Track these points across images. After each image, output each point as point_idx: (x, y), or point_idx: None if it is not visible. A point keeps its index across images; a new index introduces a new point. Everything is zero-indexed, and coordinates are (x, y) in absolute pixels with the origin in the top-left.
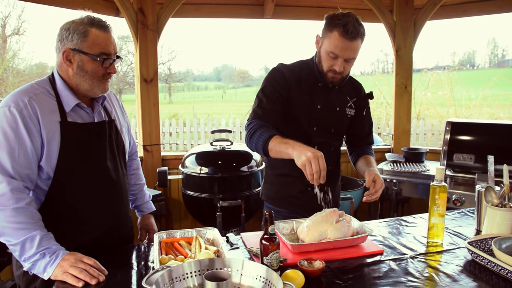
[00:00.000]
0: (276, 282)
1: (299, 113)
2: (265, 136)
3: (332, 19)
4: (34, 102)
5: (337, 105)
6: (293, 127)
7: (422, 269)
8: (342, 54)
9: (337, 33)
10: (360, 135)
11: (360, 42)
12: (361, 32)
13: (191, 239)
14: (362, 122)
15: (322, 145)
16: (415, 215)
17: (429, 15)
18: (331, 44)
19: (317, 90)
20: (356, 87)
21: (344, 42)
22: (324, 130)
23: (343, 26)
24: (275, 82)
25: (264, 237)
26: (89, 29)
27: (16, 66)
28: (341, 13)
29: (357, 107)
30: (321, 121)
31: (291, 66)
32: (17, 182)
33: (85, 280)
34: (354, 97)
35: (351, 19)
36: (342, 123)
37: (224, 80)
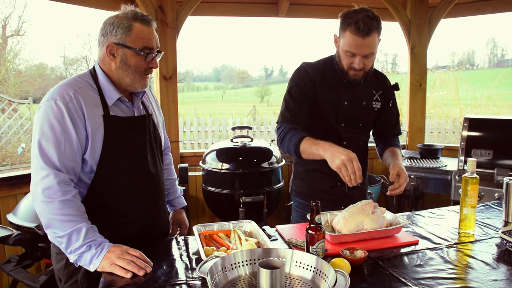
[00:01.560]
0: (327, 271)
1: (326, 111)
2: (296, 138)
3: (345, 17)
4: (79, 96)
5: (364, 99)
6: (321, 125)
7: (459, 258)
8: (359, 52)
9: (350, 32)
10: (387, 126)
11: (376, 36)
12: (374, 26)
13: (228, 231)
14: (389, 113)
15: (351, 140)
16: (441, 208)
17: (444, 13)
18: (346, 43)
19: (342, 87)
20: (381, 79)
21: (357, 40)
22: (352, 126)
23: (354, 24)
24: (301, 82)
25: (310, 226)
26: (133, 24)
27: (17, 66)
28: (353, 10)
29: (383, 99)
30: (349, 117)
31: (316, 64)
32: (63, 175)
33: (133, 271)
34: (380, 90)
35: (361, 16)
36: (370, 117)
37: (224, 80)
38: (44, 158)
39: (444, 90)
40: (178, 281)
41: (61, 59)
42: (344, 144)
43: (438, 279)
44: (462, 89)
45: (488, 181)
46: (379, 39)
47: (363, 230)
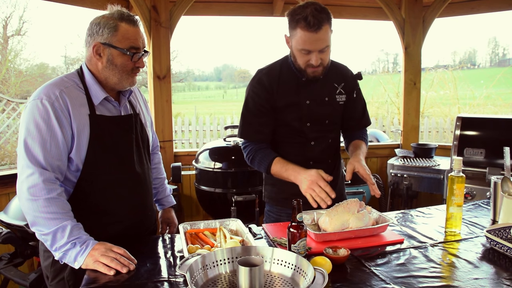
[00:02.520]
0: (306, 268)
1: (289, 114)
2: (265, 163)
3: (292, 15)
4: (65, 95)
5: (326, 95)
6: (286, 129)
7: (443, 256)
8: (314, 47)
9: (300, 28)
10: (353, 118)
11: (327, 28)
12: (324, 19)
13: (214, 230)
14: (353, 105)
15: (318, 139)
16: (430, 206)
17: (438, 12)
18: (299, 41)
19: (301, 86)
20: (341, 71)
21: (310, 36)
22: (318, 124)
23: (303, 20)
24: (256, 96)
25: (292, 225)
26: (119, 24)
27: (18, 66)
28: (299, 6)
29: (347, 91)
30: (313, 116)
31: (271, 69)
32: (48, 173)
33: (116, 268)
34: (341, 81)
35: (309, 10)
36: (336, 111)
37: (225, 80)
38: (29, 156)
39: (444, 90)
40: (160, 278)
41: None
42: (312, 144)
43: (419, 278)
44: (461, 88)
45: (480, 180)
46: (331, 31)
47: (348, 229)
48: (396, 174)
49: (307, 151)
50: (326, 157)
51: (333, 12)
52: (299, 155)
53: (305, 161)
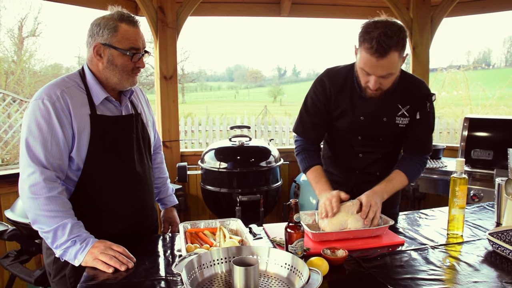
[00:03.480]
0: (302, 268)
1: (342, 124)
2: (304, 166)
3: (363, 31)
4: (66, 95)
5: (385, 115)
6: (337, 135)
7: (443, 259)
8: (373, 72)
9: (364, 50)
10: (408, 140)
11: (395, 56)
12: (392, 45)
13: (215, 229)
14: (413, 126)
15: (367, 153)
16: (434, 208)
17: (446, 11)
18: (361, 61)
19: (360, 100)
20: (411, 90)
21: (372, 60)
22: (370, 139)
23: (368, 42)
24: (315, 96)
25: (289, 225)
26: (119, 24)
27: (33, 67)
28: (373, 23)
29: (412, 114)
30: (366, 131)
31: (337, 73)
32: (49, 172)
33: (115, 266)
34: (407, 103)
35: (377, 33)
36: (392, 132)
37: (237, 80)
38: (31, 155)
39: (455, 90)
40: (158, 277)
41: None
42: (360, 156)
43: (417, 280)
44: (474, 89)
45: (488, 182)
46: (401, 56)
47: (347, 229)
48: None
49: (354, 161)
50: (375, 169)
51: (341, 13)
52: (346, 162)
53: (351, 169)
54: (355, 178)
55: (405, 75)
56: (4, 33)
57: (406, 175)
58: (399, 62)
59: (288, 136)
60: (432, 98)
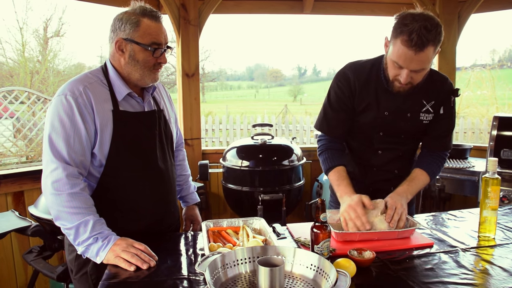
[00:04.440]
0: (329, 270)
1: (365, 119)
2: (326, 166)
3: (399, 23)
4: (88, 91)
5: (409, 110)
6: (358, 131)
7: (475, 262)
8: (407, 66)
9: (401, 42)
10: (429, 136)
11: (431, 50)
12: (430, 39)
13: (237, 228)
14: (436, 121)
15: (387, 150)
16: (463, 209)
17: (475, 7)
18: (395, 53)
19: (385, 94)
20: (437, 85)
21: (408, 53)
22: (392, 136)
23: (408, 35)
24: (340, 90)
25: (315, 225)
26: (141, 19)
27: (56, 66)
28: (411, 15)
29: (436, 110)
30: (389, 127)
31: (361, 66)
32: (72, 168)
33: (137, 264)
34: (433, 99)
35: (417, 26)
36: (415, 129)
37: (257, 79)
38: (53, 151)
39: (481, 90)
40: (180, 276)
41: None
42: (379, 153)
43: (448, 284)
44: (500, 88)
45: None
46: (436, 51)
47: (371, 230)
48: None
49: (372, 158)
50: (393, 167)
51: (365, 9)
52: (363, 159)
53: (369, 166)
54: (372, 175)
55: (430, 70)
56: (30, 34)
57: (427, 173)
58: (432, 57)
59: (309, 135)
60: (457, 93)
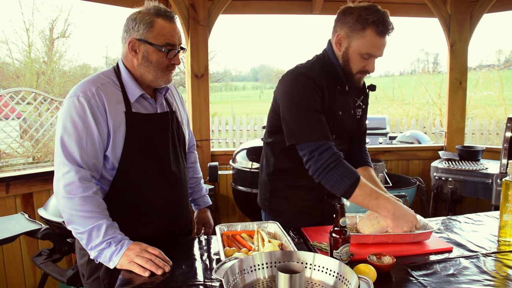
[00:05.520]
0: (350, 277)
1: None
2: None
3: (363, 16)
4: (101, 92)
5: (352, 107)
6: None
7: (498, 268)
8: (379, 53)
9: (372, 32)
10: (360, 131)
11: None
12: (392, 26)
13: (252, 232)
14: (362, 119)
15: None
16: (480, 213)
17: (487, 7)
18: (366, 45)
19: (336, 94)
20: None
21: (380, 41)
22: (340, 137)
23: (381, 24)
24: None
25: (334, 229)
26: (155, 20)
27: (62, 67)
28: (370, 7)
29: (364, 103)
30: (340, 128)
31: (314, 69)
32: (84, 171)
33: (151, 270)
34: (361, 94)
35: (382, 14)
36: (354, 125)
37: (262, 80)
38: (66, 154)
39: (488, 90)
40: (196, 282)
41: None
42: None
43: None
44: (508, 89)
45: None
46: None
47: (386, 233)
48: (440, 178)
49: None
50: None
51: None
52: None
53: None
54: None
55: None
56: (36, 35)
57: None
58: None
59: None
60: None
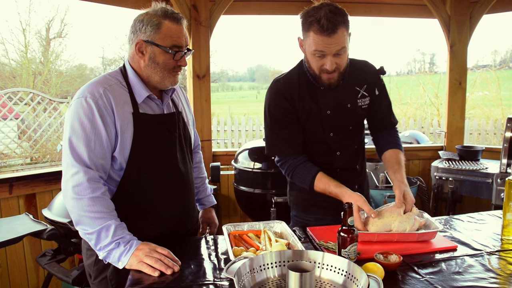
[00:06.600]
0: (359, 275)
1: (311, 124)
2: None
3: (306, 17)
4: (108, 93)
5: (348, 101)
6: (310, 139)
7: (502, 266)
8: (328, 50)
9: (313, 32)
10: (379, 118)
11: (343, 32)
12: (339, 22)
13: (258, 231)
14: (377, 103)
15: (344, 148)
16: (482, 212)
17: (487, 8)
18: (312, 44)
19: (321, 94)
20: (362, 70)
21: (324, 39)
22: (341, 133)
23: (317, 23)
24: (278, 106)
25: (342, 229)
26: (162, 21)
27: (58, 67)
28: (313, 8)
29: (370, 92)
30: (336, 125)
31: (288, 78)
32: (93, 172)
33: (161, 269)
34: (363, 83)
35: (323, 12)
36: (359, 117)
37: (258, 80)
38: (74, 155)
39: (485, 90)
40: (206, 281)
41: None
42: (338, 154)
43: None
44: (505, 89)
45: None
46: (348, 34)
47: (391, 231)
48: (441, 177)
49: (334, 161)
50: (354, 163)
51: (373, 10)
52: (325, 164)
53: (333, 169)
54: (337, 178)
55: (352, 60)
56: (32, 35)
57: (399, 149)
58: (347, 38)
59: None
60: (383, 71)
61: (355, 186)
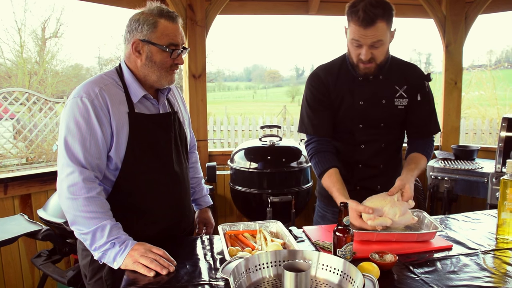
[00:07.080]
0: (354, 275)
1: (342, 113)
2: (318, 170)
3: (350, 7)
4: (104, 93)
5: (383, 97)
6: (338, 128)
7: (497, 265)
8: (364, 41)
9: (353, 22)
10: (416, 124)
11: (383, 25)
12: (378, 15)
13: (254, 231)
14: (417, 109)
15: (369, 143)
16: (477, 211)
17: (482, 8)
18: (351, 34)
19: (357, 85)
20: (407, 72)
21: (360, 30)
22: (371, 127)
23: (355, 14)
24: (315, 90)
25: (338, 228)
26: (158, 20)
27: (54, 67)
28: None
29: (410, 94)
30: (367, 118)
31: (330, 65)
32: (88, 172)
33: (156, 270)
34: (404, 84)
35: (362, 4)
36: (394, 116)
37: (255, 80)
38: (69, 155)
39: (481, 90)
40: (201, 281)
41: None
42: (362, 147)
43: None
44: (500, 89)
45: None
46: (390, 29)
47: (390, 230)
48: (436, 177)
49: (357, 154)
50: (378, 162)
51: None
52: (348, 156)
53: (354, 163)
54: (358, 173)
55: (397, 59)
56: (28, 35)
57: (424, 155)
58: (387, 32)
59: None
60: (429, 78)
61: (377, 187)
